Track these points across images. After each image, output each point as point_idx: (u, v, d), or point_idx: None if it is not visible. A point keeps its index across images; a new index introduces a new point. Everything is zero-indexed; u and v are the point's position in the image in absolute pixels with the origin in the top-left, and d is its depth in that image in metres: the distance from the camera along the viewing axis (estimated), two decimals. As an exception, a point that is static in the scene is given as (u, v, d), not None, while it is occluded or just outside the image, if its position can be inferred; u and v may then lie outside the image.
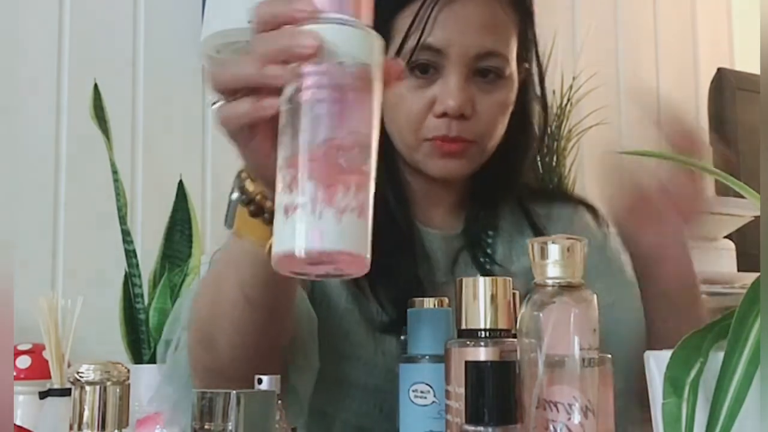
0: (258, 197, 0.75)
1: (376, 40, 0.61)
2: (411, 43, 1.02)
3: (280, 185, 0.59)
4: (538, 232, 1.11)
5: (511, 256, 1.10)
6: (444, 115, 1.03)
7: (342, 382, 1.01)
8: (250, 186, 0.76)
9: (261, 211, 0.76)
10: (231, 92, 0.66)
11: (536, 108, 1.14)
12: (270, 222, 0.68)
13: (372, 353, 1.02)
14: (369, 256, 0.58)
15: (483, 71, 1.04)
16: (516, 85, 1.08)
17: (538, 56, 1.13)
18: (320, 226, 0.55)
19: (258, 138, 0.67)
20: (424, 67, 1.03)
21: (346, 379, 1.01)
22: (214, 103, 0.69)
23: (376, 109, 0.60)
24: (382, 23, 1.06)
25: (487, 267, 1.09)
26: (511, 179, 1.14)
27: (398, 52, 1.03)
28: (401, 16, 1.04)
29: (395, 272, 1.01)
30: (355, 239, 0.57)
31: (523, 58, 1.10)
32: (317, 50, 0.58)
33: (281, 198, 0.58)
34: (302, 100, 0.59)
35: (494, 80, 1.05)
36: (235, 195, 0.77)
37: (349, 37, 0.59)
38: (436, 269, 1.09)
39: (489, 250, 1.11)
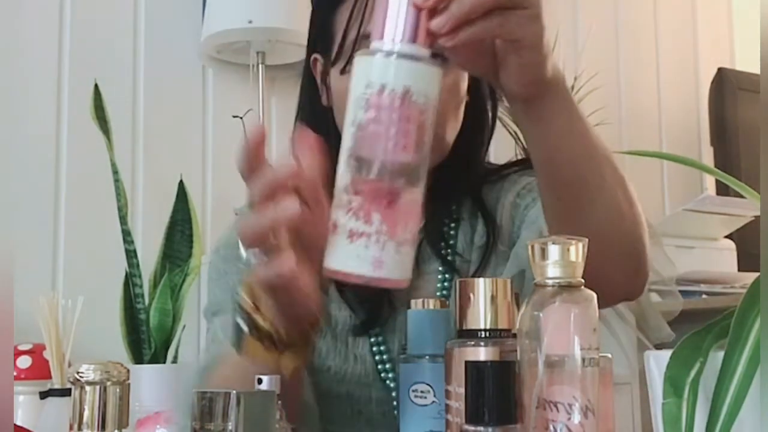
0: (271, 331, 0.75)
1: (437, 69, 0.63)
2: (352, 34, 1.00)
3: (342, 207, 0.62)
4: (489, 217, 1.08)
5: (472, 241, 1.09)
6: None
7: (318, 395, 1.00)
8: (261, 321, 0.75)
9: (273, 343, 0.75)
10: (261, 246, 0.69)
11: (489, 103, 1.11)
12: (284, 351, 0.74)
13: (342, 361, 1.02)
14: (410, 276, 0.64)
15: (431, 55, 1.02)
16: (466, 73, 1.05)
17: None
18: (383, 256, 0.61)
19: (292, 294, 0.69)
20: None
21: (318, 389, 1.01)
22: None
23: (430, 135, 0.63)
24: (322, 20, 1.05)
25: (449, 258, 1.07)
26: (470, 173, 1.11)
27: (341, 45, 1.02)
28: (340, 11, 1.03)
29: None
30: (407, 266, 0.63)
31: None
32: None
33: (345, 220, 0.62)
34: (368, 128, 0.61)
35: (442, 63, 1.03)
36: (245, 328, 0.76)
37: (415, 73, 0.61)
38: None
39: (451, 242, 1.09)
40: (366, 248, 0.60)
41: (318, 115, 1.09)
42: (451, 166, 1.07)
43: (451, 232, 1.10)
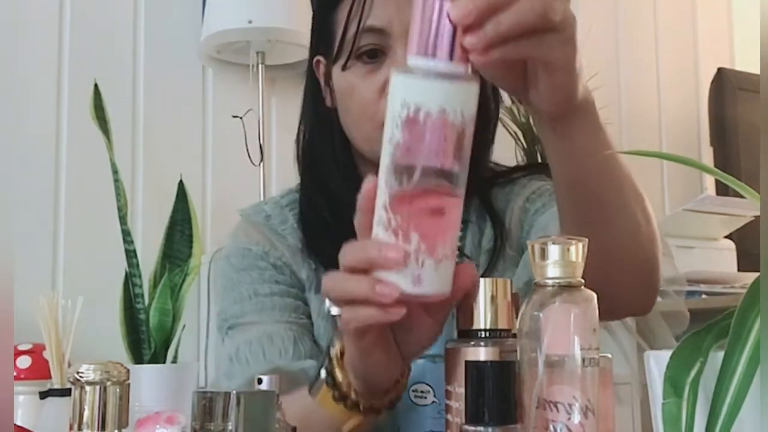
0: (344, 387, 0.75)
1: (474, 86, 0.63)
2: (352, 29, 1.00)
3: (382, 224, 0.63)
4: (497, 220, 1.08)
5: (480, 244, 1.08)
6: None
7: None
8: (339, 374, 0.75)
9: (344, 398, 0.75)
10: (348, 302, 0.67)
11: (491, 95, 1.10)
12: (351, 410, 0.74)
13: None
14: (449, 289, 0.64)
15: None
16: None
17: None
18: (422, 273, 0.62)
19: (368, 339, 0.68)
20: (371, 52, 1.01)
21: None
22: (330, 308, 0.73)
23: (469, 143, 0.63)
24: (322, 20, 1.06)
25: (456, 260, 1.07)
26: (475, 172, 1.11)
27: (341, 42, 1.02)
28: (340, 8, 1.03)
29: None
30: (447, 279, 0.63)
31: None
32: (403, 260, 0.62)
33: (385, 237, 0.63)
34: (404, 147, 0.61)
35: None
36: (323, 374, 0.77)
37: (450, 93, 0.61)
38: None
39: (459, 243, 1.07)
40: (406, 266, 0.61)
41: (322, 118, 1.09)
42: None
43: (459, 233, 1.10)
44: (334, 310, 0.70)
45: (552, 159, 0.82)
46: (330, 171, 1.08)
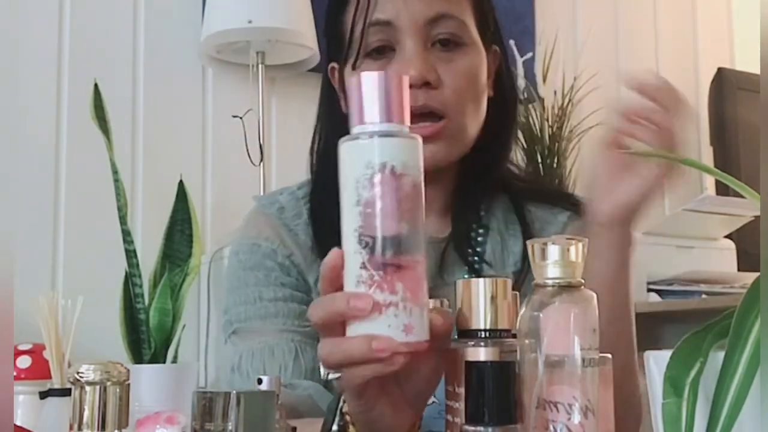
0: None
1: (419, 141, 0.65)
2: (359, 26, 1.01)
3: (364, 283, 0.63)
4: (528, 233, 1.08)
5: (503, 257, 1.08)
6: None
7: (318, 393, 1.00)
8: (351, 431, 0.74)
9: None
10: (348, 365, 0.66)
11: (511, 95, 1.11)
12: None
13: None
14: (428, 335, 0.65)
15: (442, 41, 1.01)
16: (483, 57, 1.05)
17: (502, 41, 1.10)
18: (411, 321, 0.63)
19: (369, 394, 0.68)
20: (380, 49, 1.01)
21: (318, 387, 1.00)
22: (328, 374, 0.73)
23: (423, 201, 0.65)
24: (332, 24, 1.05)
25: (476, 266, 1.06)
26: (495, 171, 1.10)
27: (350, 41, 1.02)
28: (346, 10, 1.03)
29: None
30: (427, 326, 0.64)
31: (485, 33, 1.06)
32: (372, 307, 0.62)
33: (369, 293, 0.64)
34: (374, 207, 0.63)
35: (454, 48, 1.02)
36: (335, 428, 0.75)
37: (402, 149, 0.63)
38: None
39: (479, 249, 1.08)
40: (396, 317, 0.62)
41: (338, 125, 1.08)
42: (476, 163, 1.07)
43: (479, 239, 1.09)
44: (332, 375, 0.70)
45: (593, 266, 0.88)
46: None
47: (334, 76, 1.09)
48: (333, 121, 1.09)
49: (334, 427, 0.75)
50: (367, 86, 0.64)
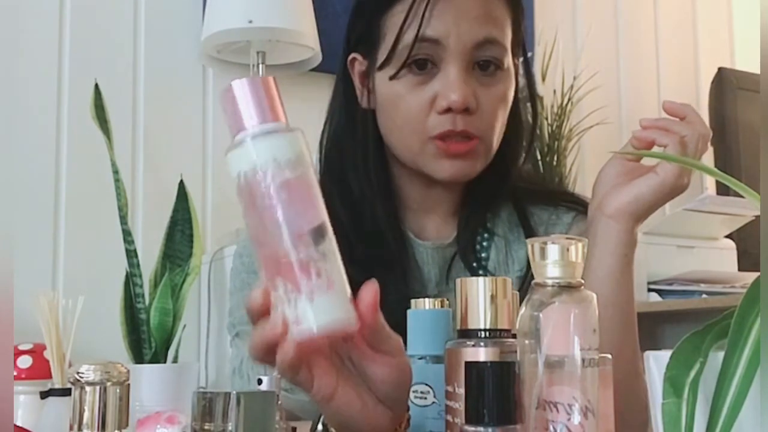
0: None
1: (299, 133, 0.65)
2: (408, 38, 1.00)
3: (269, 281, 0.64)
4: (532, 236, 1.08)
5: (507, 264, 1.08)
6: (448, 110, 1.00)
7: None
8: None
9: None
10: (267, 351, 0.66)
11: (527, 106, 1.12)
12: None
13: None
14: (350, 319, 0.63)
15: (483, 64, 1.02)
16: (513, 80, 1.06)
17: (525, 51, 1.11)
18: (298, 313, 0.61)
19: (304, 373, 0.65)
20: (422, 62, 1.01)
21: None
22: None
23: (316, 190, 0.64)
24: (369, 23, 1.05)
25: (480, 272, 1.06)
26: (504, 179, 1.11)
27: (393, 49, 1.02)
28: (391, 14, 1.02)
29: (384, 291, 0.98)
30: (329, 312, 0.62)
31: (517, 51, 1.08)
32: (284, 328, 0.62)
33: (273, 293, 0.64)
34: (256, 205, 0.63)
35: (494, 72, 1.03)
36: (320, 428, 0.75)
37: (279, 143, 0.63)
38: (427, 282, 1.07)
39: (483, 255, 1.08)
40: (287, 311, 0.62)
41: (353, 116, 1.08)
42: (488, 174, 1.07)
43: (484, 243, 1.09)
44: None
45: (599, 258, 0.92)
46: (355, 169, 1.07)
47: (354, 68, 1.08)
48: (348, 113, 1.09)
49: (319, 427, 0.75)
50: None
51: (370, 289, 0.63)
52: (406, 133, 1.03)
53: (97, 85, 1.88)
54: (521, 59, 1.11)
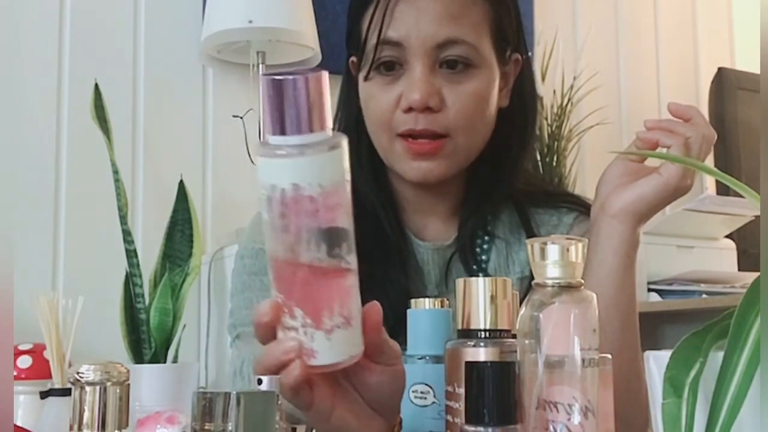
0: None
1: (344, 143, 0.62)
2: (372, 40, 1.01)
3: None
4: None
5: (507, 266, 1.08)
6: (410, 109, 1.00)
7: None
8: None
9: None
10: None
11: (530, 105, 1.11)
12: None
13: None
14: (360, 350, 0.64)
15: (450, 62, 1.01)
16: (495, 76, 1.05)
17: (525, 48, 1.11)
18: (314, 346, 0.62)
19: (305, 394, 0.66)
20: (389, 64, 1.02)
21: None
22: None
23: (349, 208, 0.63)
24: (353, 22, 1.06)
25: (479, 275, 1.06)
26: (504, 180, 1.10)
27: (362, 51, 1.03)
28: (365, 16, 1.03)
29: (384, 290, 0.98)
30: (346, 346, 0.63)
31: (503, 50, 1.07)
32: (296, 354, 0.63)
33: (283, 316, 0.64)
34: (276, 227, 0.61)
35: (464, 70, 1.02)
36: None
37: (324, 163, 0.60)
38: (428, 282, 1.07)
39: (483, 257, 1.08)
40: (296, 341, 0.63)
41: (355, 116, 1.09)
42: (487, 172, 1.07)
43: (484, 246, 1.09)
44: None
45: (600, 256, 0.92)
46: (357, 168, 1.07)
47: (353, 69, 1.10)
48: (350, 113, 1.10)
49: None
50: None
51: (375, 311, 0.65)
52: (378, 132, 1.04)
53: (97, 85, 1.88)
54: (521, 56, 1.10)
